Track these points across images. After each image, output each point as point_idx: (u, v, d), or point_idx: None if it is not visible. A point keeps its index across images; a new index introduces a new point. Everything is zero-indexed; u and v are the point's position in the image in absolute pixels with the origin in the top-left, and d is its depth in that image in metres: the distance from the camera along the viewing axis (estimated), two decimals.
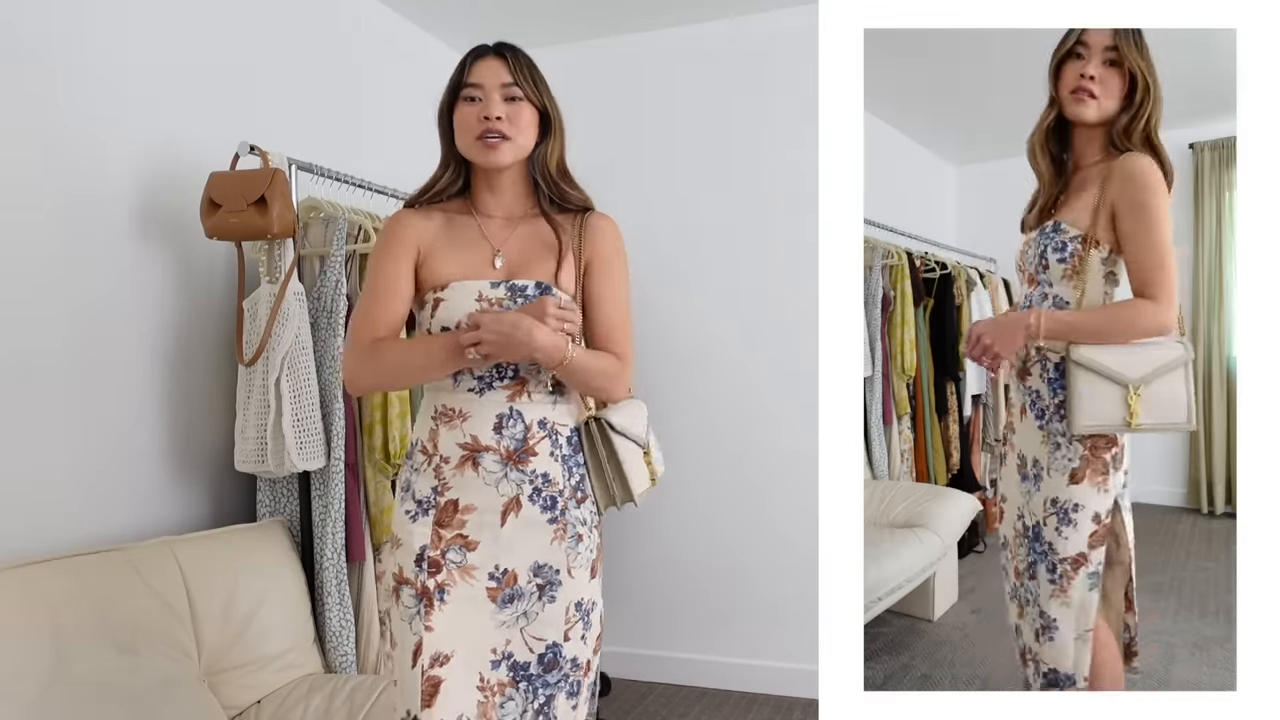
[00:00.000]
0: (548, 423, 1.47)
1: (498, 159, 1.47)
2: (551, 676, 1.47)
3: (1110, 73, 1.65)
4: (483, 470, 1.45)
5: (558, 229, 1.52)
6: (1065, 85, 1.69)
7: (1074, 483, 1.71)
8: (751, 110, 3.30)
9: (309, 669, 2.19)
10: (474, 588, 1.45)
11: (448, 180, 1.54)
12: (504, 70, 1.48)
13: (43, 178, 1.97)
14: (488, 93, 1.47)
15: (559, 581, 1.47)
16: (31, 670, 1.66)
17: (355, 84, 2.94)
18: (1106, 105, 1.67)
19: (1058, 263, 1.70)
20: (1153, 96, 1.66)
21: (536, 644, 1.46)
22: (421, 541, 1.45)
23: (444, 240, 1.51)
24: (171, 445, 2.27)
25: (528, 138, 1.50)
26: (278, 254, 2.25)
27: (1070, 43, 1.68)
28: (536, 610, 1.46)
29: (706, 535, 3.34)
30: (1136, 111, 1.65)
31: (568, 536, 1.48)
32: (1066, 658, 1.77)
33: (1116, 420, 1.63)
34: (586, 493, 1.51)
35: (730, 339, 3.32)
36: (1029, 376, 1.79)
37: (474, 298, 1.46)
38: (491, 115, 1.45)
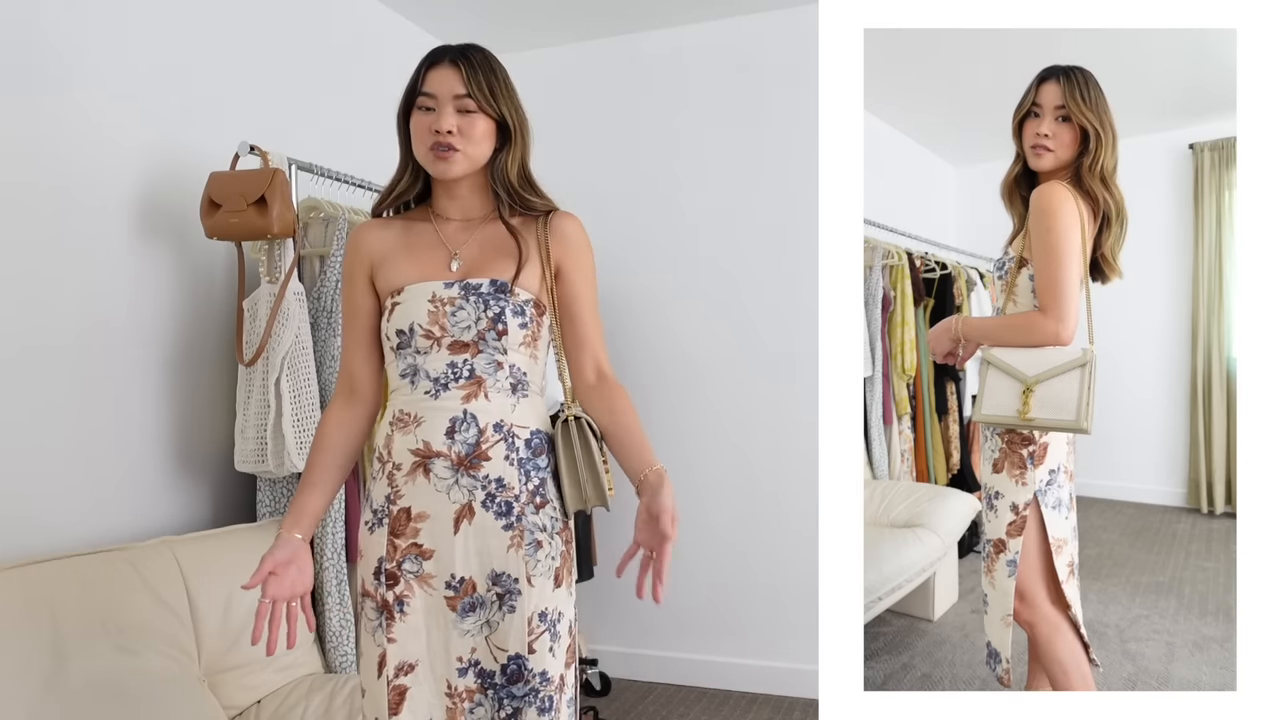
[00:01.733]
0: (504, 425, 1.44)
1: (448, 170, 1.45)
2: (517, 689, 1.42)
3: (1062, 128, 1.86)
4: (434, 477, 1.42)
5: (515, 233, 1.49)
6: (1027, 141, 1.90)
7: (995, 471, 1.92)
8: (751, 110, 3.30)
9: (309, 669, 2.19)
10: (433, 597, 1.43)
11: (407, 184, 1.53)
12: (457, 81, 1.43)
13: (43, 178, 1.98)
14: (440, 104, 1.43)
15: (518, 591, 1.42)
16: (31, 670, 1.66)
17: (355, 84, 2.94)
18: (1062, 155, 1.87)
19: (998, 279, 1.99)
20: (1104, 143, 1.86)
21: (500, 654, 1.43)
22: (378, 553, 1.44)
23: (400, 246, 1.51)
24: (171, 445, 2.27)
25: (481, 149, 1.46)
26: (278, 254, 2.25)
27: (1027, 105, 1.90)
28: (498, 620, 1.43)
29: (706, 535, 3.34)
30: (1093, 158, 1.86)
31: (525, 544, 1.43)
32: (994, 633, 1.97)
33: (1010, 412, 1.81)
34: (547, 498, 1.46)
35: (731, 339, 3.32)
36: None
37: (428, 299, 1.45)
38: (442, 129, 1.42)
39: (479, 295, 1.44)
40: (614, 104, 3.47)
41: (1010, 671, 1.96)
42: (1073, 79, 1.86)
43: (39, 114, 1.97)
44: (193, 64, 2.34)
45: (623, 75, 3.46)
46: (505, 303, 1.44)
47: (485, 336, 1.43)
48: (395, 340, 1.46)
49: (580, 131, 3.46)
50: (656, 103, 3.42)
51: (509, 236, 1.50)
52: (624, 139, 3.45)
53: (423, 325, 1.44)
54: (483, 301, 1.44)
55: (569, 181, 1.64)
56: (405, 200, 1.55)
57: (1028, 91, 1.91)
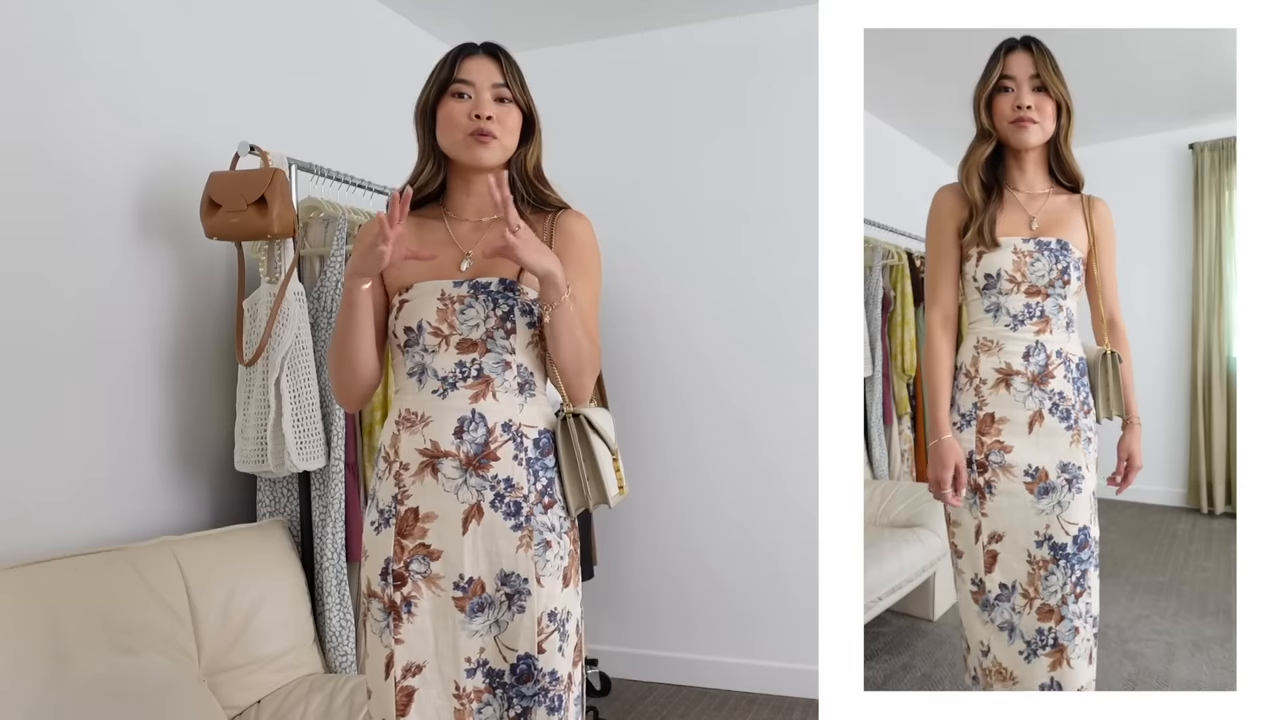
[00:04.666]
0: (513, 425, 1.43)
1: (487, 157, 1.46)
2: (527, 688, 1.42)
3: (1041, 99, 1.79)
4: (442, 477, 1.41)
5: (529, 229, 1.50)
6: (1002, 117, 1.82)
7: (1094, 471, 1.84)
8: (751, 110, 3.30)
9: (309, 669, 2.19)
10: (441, 598, 1.43)
11: (429, 176, 1.52)
12: (495, 70, 1.46)
13: (43, 178, 1.97)
14: (479, 91, 1.45)
15: (527, 591, 1.42)
16: (31, 670, 1.66)
17: (355, 84, 2.94)
18: (1047, 128, 1.82)
19: (1077, 279, 1.83)
20: (1073, 117, 1.82)
21: (509, 654, 1.43)
22: (385, 554, 1.44)
23: (413, 244, 1.50)
24: (171, 445, 2.27)
25: (513, 139, 1.49)
26: (278, 254, 2.25)
27: (995, 78, 1.81)
28: (507, 620, 1.43)
29: (707, 535, 3.34)
30: (1066, 132, 1.82)
31: (534, 544, 1.43)
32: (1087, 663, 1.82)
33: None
34: (555, 498, 1.46)
35: (732, 338, 3.32)
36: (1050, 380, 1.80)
37: (437, 297, 1.45)
38: (483, 113, 1.44)
39: (488, 293, 1.44)
40: (614, 104, 3.47)
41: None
42: (1043, 49, 1.80)
43: (39, 114, 1.97)
44: (193, 64, 2.34)
45: (623, 75, 3.46)
46: (514, 301, 1.44)
47: (493, 335, 1.43)
48: (403, 338, 1.46)
49: (580, 131, 3.46)
50: (656, 102, 3.42)
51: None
52: (624, 138, 3.45)
53: (431, 323, 1.43)
54: (491, 300, 1.44)
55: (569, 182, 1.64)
56: (426, 194, 1.54)
57: (993, 63, 1.83)
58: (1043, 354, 1.80)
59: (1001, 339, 1.82)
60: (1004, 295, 1.82)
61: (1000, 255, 1.82)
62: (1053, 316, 1.81)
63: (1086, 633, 1.80)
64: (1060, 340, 1.82)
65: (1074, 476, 1.79)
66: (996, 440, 1.81)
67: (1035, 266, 1.81)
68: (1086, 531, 1.80)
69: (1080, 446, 1.80)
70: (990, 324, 1.84)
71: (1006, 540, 1.81)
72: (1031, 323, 1.81)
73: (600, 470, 1.46)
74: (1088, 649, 1.80)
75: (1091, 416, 1.84)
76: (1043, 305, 1.81)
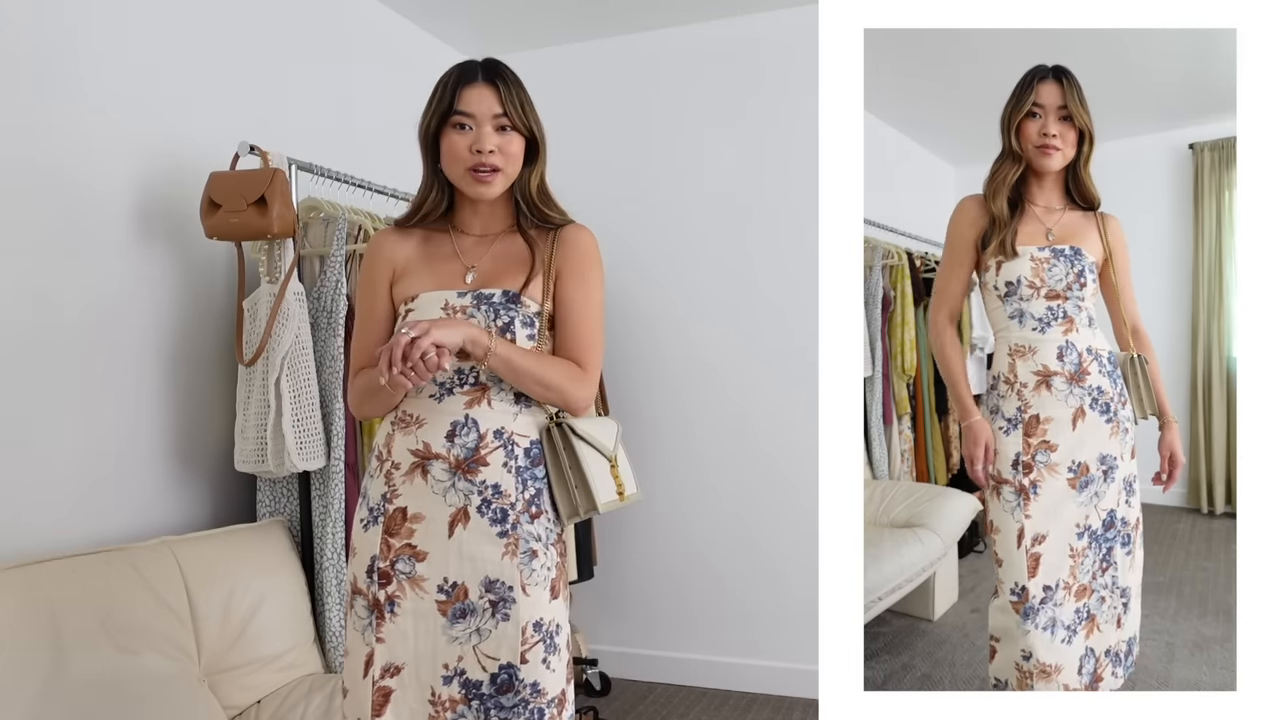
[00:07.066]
0: (505, 432, 1.44)
1: (489, 193, 1.47)
2: (507, 699, 1.41)
3: (1065, 127, 1.90)
4: (431, 479, 1.43)
5: (532, 244, 1.52)
6: (1029, 140, 1.92)
7: (1132, 458, 1.96)
8: (751, 110, 3.30)
9: (309, 669, 2.19)
10: (424, 600, 1.43)
11: (434, 201, 1.53)
12: (495, 100, 1.45)
13: (42, 178, 1.97)
14: (479, 123, 1.45)
15: (512, 599, 1.41)
16: (31, 670, 1.66)
17: (356, 84, 2.94)
18: (1068, 154, 1.92)
19: (1093, 282, 1.95)
20: (1094, 143, 1.94)
21: (490, 663, 1.42)
22: (371, 551, 1.45)
23: (420, 257, 1.53)
24: (171, 445, 2.27)
25: (516, 166, 1.49)
26: (278, 254, 2.25)
27: (1026, 105, 1.91)
28: (489, 628, 1.42)
29: (707, 534, 3.34)
30: (1086, 157, 1.94)
31: (520, 552, 1.42)
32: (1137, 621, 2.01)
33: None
34: (543, 508, 1.46)
35: (732, 338, 3.32)
36: (1087, 377, 1.89)
37: (440, 306, 1.46)
38: (485, 149, 1.44)
39: (490, 304, 1.46)
40: (613, 104, 3.46)
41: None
42: (1072, 80, 1.89)
43: (40, 114, 1.97)
44: (193, 63, 2.34)
45: (622, 75, 3.46)
46: (515, 313, 1.46)
47: None
48: None
49: (580, 131, 3.46)
50: (656, 102, 3.42)
51: (524, 248, 1.52)
52: (623, 138, 3.44)
53: None
54: (493, 311, 1.46)
55: (568, 182, 1.64)
56: (429, 220, 1.55)
57: (1024, 90, 1.92)
58: (1074, 352, 1.90)
59: (1033, 343, 1.91)
60: (1025, 301, 1.91)
61: (1019, 263, 1.91)
62: (1075, 316, 1.91)
63: (1113, 601, 1.94)
64: (1087, 338, 1.92)
65: (1110, 466, 1.91)
66: (1043, 440, 1.89)
67: (1052, 271, 1.90)
68: (1113, 514, 1.92)
69: (1119, 437, 1.92)
70: (1018, 330, 1.92)
71: (1050, 540, 1.89)
72: (1057, 324, 1.90)
73: (589, 479, 1.45)
74: (1114, 615, 1.95)
75: (1129, 408, 1.95)
76: (1064, 307, 1.90)
